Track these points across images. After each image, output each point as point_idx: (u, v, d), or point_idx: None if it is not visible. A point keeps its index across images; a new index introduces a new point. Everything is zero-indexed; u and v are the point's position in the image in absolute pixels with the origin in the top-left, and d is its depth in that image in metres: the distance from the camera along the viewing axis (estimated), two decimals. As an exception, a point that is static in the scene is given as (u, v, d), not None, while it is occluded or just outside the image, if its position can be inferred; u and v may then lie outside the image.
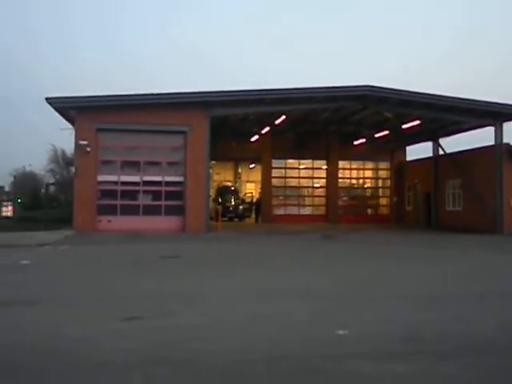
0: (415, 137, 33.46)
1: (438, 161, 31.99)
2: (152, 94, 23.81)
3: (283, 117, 27.94)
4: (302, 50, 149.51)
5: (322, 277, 11.13)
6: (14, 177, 65.99)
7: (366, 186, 38.77)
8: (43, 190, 45.27)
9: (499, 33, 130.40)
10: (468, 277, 11.39)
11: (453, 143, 31.19)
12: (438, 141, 31.76)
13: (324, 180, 36.53)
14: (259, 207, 35.84)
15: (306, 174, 36.67)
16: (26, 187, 55.18)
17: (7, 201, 61.26)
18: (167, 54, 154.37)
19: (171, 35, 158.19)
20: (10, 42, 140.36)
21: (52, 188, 42.38)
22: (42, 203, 37.92)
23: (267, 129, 31.01)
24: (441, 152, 31.49)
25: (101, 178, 24.15)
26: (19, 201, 47.69)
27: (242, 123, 30.18)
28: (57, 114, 24.54)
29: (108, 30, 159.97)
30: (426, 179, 33.43)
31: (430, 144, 32.67)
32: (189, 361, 5.16)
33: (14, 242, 18.52)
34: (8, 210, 54.35)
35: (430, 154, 32.82)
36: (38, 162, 73.21)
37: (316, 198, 36.85)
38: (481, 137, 28.48)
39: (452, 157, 30.04)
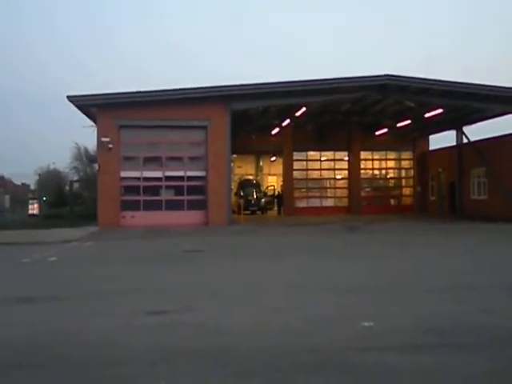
0: (438, 125, 32.93)
1: (462, 149, 31.46)
2: (172, 90, 23.90)
3: (303, 109, 27.78)
4: (313, 50, 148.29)
5: (346, 269, 11.07)
6: (39, 175, 67.14)
7: (388, 176, 38.37)
8: (67, 188, 45.86)
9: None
10: (498, 268, 11.22)
11: (477, 131, 30.70)
12: (461, 129, 31.22)
13: (346, 171, 36.27)
14: (281, 200, 35.79)
15: (327, 165, 36.45)
16: (50, 185, 56.07)
17: (33, 199, 62.37)
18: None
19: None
20: (33, 41, 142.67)
21: (76, 185, 42.91)
22: (67, 200, 38.46)
23: (288, 121, 30.87)
24: (465, 140, 30.96)
25: (123, 174, 24.39)
26: (44, 199, 48.50)
27: (262, 116, 30.11)
28: (79, 111, 24.84)
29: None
30: (449, 168, 32.94)
31: (453, 132, 32.14)
32: (211, 355, 5.19)
33: (41, 239, 18.86)
34: (34, 208, 55.33)
35: (454, 143, 32.30)
36: (61, 160, 74.32)
37: (338, 190, 36.63)
38: (505, 124, 27.96)
39: (476, 145, 29.52)
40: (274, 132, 33.20)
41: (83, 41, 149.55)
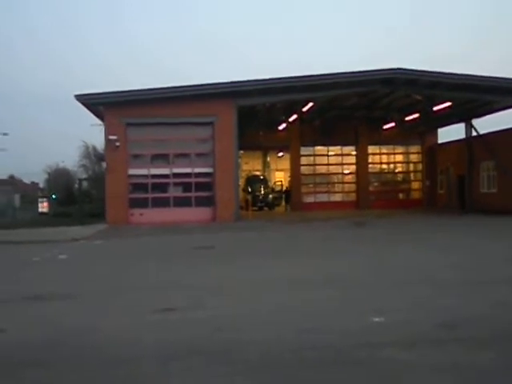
0: (447, 119, 32.70)
1: (471, 142, 31.22)
2: (179, 87, 23.91)
3: (310, 104, 27.70)
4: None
5: (355, 264, 11.04)
6: (48, 174, 67.51)
7: (396, 170, 38.22)
8: (76, 186, 46.09)
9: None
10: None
11: (486, 124, 30.44)
12: (470, 122, 30.96)
13: (354, 166, 36.15)
14: (289, 195, 35.71)
15: (335, 160, 36.35)
16: (59, 183, 56.41)
17: (42, 197, 62.68)
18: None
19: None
20: (51, 39, 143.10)
21: (85, 183, 43.10)
22: (76, 198, 38.64)
23: (295, 116, 30.81)
24: (474, 133, 30.74)
25: (131, 171, 24.47)
26: (53, 197, 48.73)
27: (269, 112, 30.06)
28: (87, 110, 24.93)
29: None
30: (459, 162, 32.71)
31: (462, 126, 31.91)
32: (221, 351, 5.19)
33: (51, 237, 18.97)
34: (44, 206, 55.53)
35: (463, 136, 32.07)
36: (70, 159, 74.74)
37: (346, 185, 36.54)
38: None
39: (485, 138, 29.29)
40: (281, 127, 33.14)
41: (100, 37, 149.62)
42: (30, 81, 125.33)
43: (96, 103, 24.04)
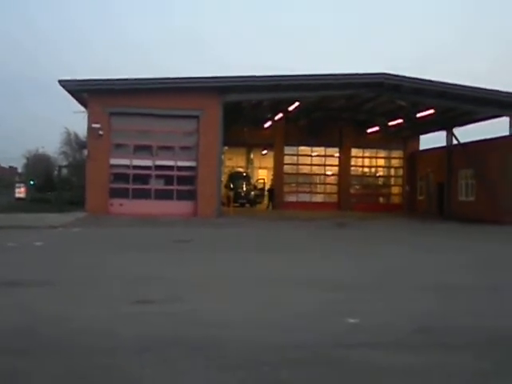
0: (429, 126, 33.11)
1: (452, 150, 31.66)
2: (165, 79, 23.76)
3: (296, 103, 27.77)
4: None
5: (334, 265, 11.11)
6: (27, 159, 66.54)
7: (378, 174, 38.57)
8: (56, 173, 45.58)
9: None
10: (486, 267, 11.32)
11: (466, 133, 30.90)
12: (451, 130, 31.40)
13: (336, 168, 36.39)
14: (273, 194, 35.64)
15: (318, 161, 36.54)
16: (38, 169, 55.68)
17: (20, 182, 61.78)
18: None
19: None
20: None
21: (65, 170, 42.62)
22: (55, 185, 38.21)
23: (280, 115, 30.86)
24: (454, 142, 31.16)
25: (113, 161, 24.25)
26: (32, 182, 48.09)
27: (255, 109, 30.07)
28: (70, 97, 24.61)
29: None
30: (438, 169, 33.16)
31: (443, 133, 32.33)
32: (198, 345, 5.19)
33: (28, 223, 18.71)
34: (21, 192, 54.77)
35: (444, 144, 32.50)
36: (51, 145, 73.74)
37: (328, 186, 36.76)
38: (494, 127, 28.18)
39: (465, 147, 29.73)
40: (266, 125, 33.17)
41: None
42: (12, 62, 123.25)
43: (80, 90, 23.73)
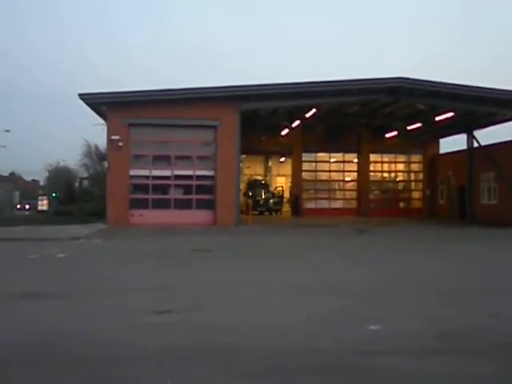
0: (449, 129, 32.72)
1: (473, 153, 31.23)
2: (182, 89, 23.96)
3: (313, 110, 27.73)
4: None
5: (355, 271, 11.02)
6: (49, 172, 67.48)
7: (397, 179, 38.24)
8: (77, 185, 46.15)
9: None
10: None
11: (488, 135, 30.48)
12: (472, 133, 30.99)
13: (355, 173, 36.19)
14: (298, 201, 35.18)
15: (336, 167, 36.38)
16: (60, 182, 56.34)
17: (42, 195, 62.78)
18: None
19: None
20: (44, 40, 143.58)
21: (85, 182, 43.15)
22: (76, 197, 38.68)
23: (297, 122, 30.83)
24: (475, 144, 30.76)
25: (133, 172, 24.46)
26: (54, 195, 48.79)
27: (272, 117, 30.09)
28: (90, 109, 24.96)
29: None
30: (460, 172, 32.73)
31: (464, 136, 31.95)
32: (218, 354, 5.18)
33: (50, 235, 18.95)
34: (43, 204, 55.70)
35: (464, 147, 32.10)
36: (71, 157, 74.67)
37: (347, 192, 36.55)
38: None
39: (487, 149, 29.32)
40: (283, 133, 33.17)
41: (94, 40, 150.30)
42: (30, 81, 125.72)
43: (99, 103, 24.05)
